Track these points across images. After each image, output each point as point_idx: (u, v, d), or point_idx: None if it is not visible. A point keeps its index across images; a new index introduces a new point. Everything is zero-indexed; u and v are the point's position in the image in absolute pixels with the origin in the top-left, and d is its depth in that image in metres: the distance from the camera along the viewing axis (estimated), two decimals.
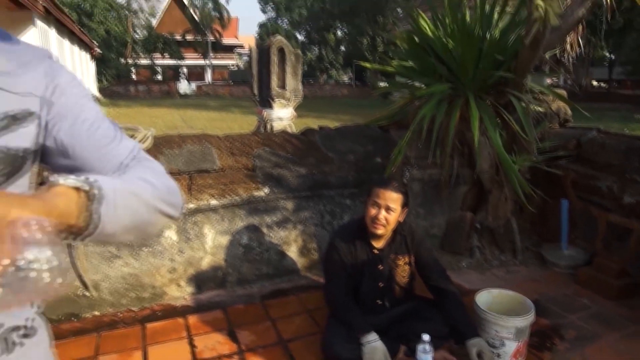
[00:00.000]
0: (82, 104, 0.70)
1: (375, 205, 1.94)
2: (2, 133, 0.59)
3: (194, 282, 2.51)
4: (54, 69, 0.67)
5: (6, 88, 0.60)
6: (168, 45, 33.88)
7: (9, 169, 0.61)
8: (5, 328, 0.62)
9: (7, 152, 0.60)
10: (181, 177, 2.36)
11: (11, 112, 0.60)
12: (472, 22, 2.58)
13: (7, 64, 0.61)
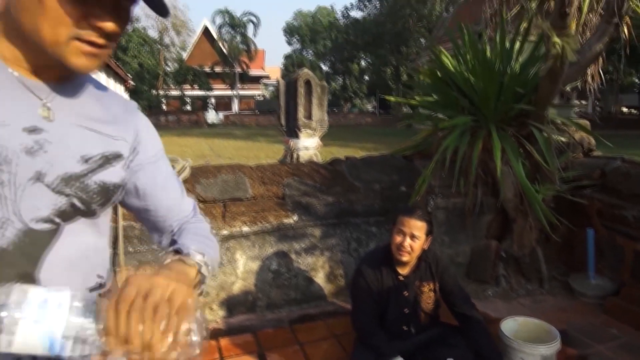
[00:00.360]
0: (159, 157, 0.86)
1: (401, 233, 2.02)
2: (98, 170, 0.73)
3: (225, 306, 2.62)
4: (141, 122, 0.84)
5: (104, 132, 0.75)
6: (197, 77, 35.13)
7: (103, 199, 0.75)
8: None
9: (102, 185, 0.74)
10: (216, 205, 2.51)
11: (106, 153, 0.75)
12: (492, 56, 2.70)
13: (106, 112, 0.77)
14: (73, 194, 0.70)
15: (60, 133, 0.70)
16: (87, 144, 0.73)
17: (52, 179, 0.68)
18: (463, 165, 2.73)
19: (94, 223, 0.75)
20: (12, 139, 0.65)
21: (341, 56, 43.41)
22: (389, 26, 34.85)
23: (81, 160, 0.71)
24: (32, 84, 0.69)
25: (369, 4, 38.11)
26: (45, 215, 0.68)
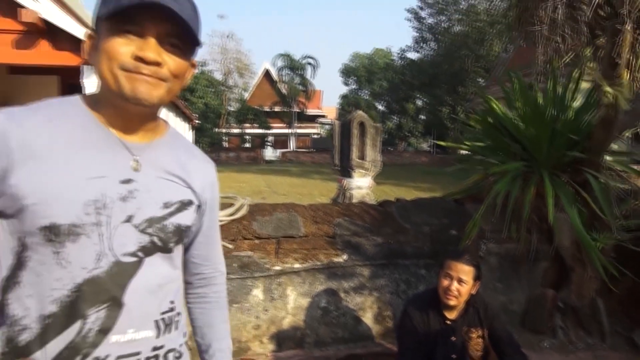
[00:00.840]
0: (215, 208, 1.04)
1: (448, 277, 2.05)
2: (175, 214, 0.90)
3: (275, 340, 2.71)
4: (213, 177, 1.02)
5: (180, 183, 0.92)
6: (257, 116, 36.73)
7: (177, 238, 0.91)
8: (167, 349, 0.89)
9: (177, 227, 0.90)
10: (270, 242, 2.65)
11: (183, 199, 0.92)
12: (544, 103, 2.71)
13: (183, 165, 0.94)
14: (154, 234, 0.86)
15: (146, 182, 0.86)
16: (167, 192, 0.89)
17: (139, 221, 0.84)
18: (515, 211, 2.72)
19: (169, 257, 0.90)
20: (110, 189, 0.82)
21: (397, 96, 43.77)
22: (446, 67, 34.91)
23: (163, 206, 0.88)
24: (126, 142, 0.86)
25: (426, 45, 38.49)
26: (132, 251, 0.84)
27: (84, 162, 0.80)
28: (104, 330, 0.81)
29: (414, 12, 37.18)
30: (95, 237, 0.80)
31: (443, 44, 36.00)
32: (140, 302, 0.85)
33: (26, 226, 0.78)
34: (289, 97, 38.04)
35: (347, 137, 6.50)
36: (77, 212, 0.78)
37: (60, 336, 0.79)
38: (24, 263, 0.80)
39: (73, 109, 0.85)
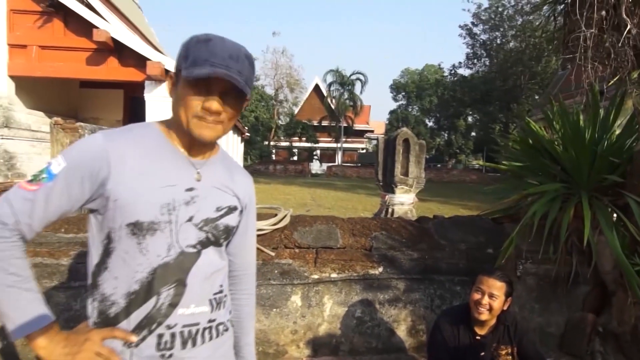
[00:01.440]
0: (252, 215, 1.27)
1: (479, 291, 2.11)
2: (225, 216, 1.12)
3: (311, 346, 2.85)
4: (251, 188, 1.25)
5: (229, 192, 1.15)
6: (306, 130, 37.37)
7: (225, 235, 1.14)
8: (217, 322, 1.13)
9: (226, 226, 1.13)
10: (309, 251, 2.81)
11: (230, 205, 1.15)
12: (585, 126, 2.72)
13: (231, 178, 1.17)
14: (209, 231, 1.10)
15: (204, 191, 1.10)
16: (219, 199, 1.12)
17: (198, 220, 1.08)
18: (553, 232, 2.72)
19: (219, 250, 1.14)
20: (178, 195, 1.05)
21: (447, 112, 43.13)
22: (499, 83, 34.10)
23: (216, 210, 1.11)
24: (190, 159, 1.10)
25: (478, 61, 37.81)
26: (193, 244, 1.07)
27: (160, 173, 1.04)
28: (173, 304, 1.04)
29: (467, 29, 36.68)
30: (167, 232, 1.03)
31: (496, 60, 35.23)
32: (199, 284, 1.07)
33: (115, 222, 1.02)
34: (338, 112, 38.47)
35: (391, 153, 6.59)
36: (155, 212, 1.02)
37: (141, 308, 1.03)
38: (111, 252, 1.04)
39: (151, 132, 1.09)
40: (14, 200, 0.98)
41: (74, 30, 9.03)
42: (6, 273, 0.96)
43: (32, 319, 0.97)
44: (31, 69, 8.97)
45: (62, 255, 2.60)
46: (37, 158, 9.45)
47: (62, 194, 0.99)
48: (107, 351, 1.00)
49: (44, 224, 1.01)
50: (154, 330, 1.02)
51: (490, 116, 36.61)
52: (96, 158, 0.99)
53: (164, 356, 1.03)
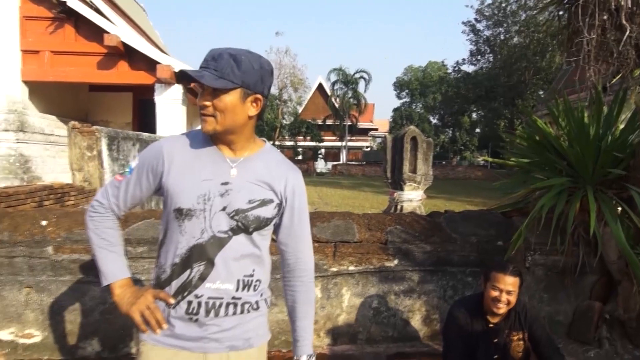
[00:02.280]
0: (298, 207, 1.38)
1: (496, 289, 2.21)
2: (257, 208, 1.28)
3: (330, 335, 3.00)
4: (294, 182, 1.36)
5: (264, 186, 1.30)
6: (310, 129, 37.51)
7: (255, 225, 1.28)
8: (243, 301, 1.29)
9: (257, 217, 1.28)
10: (328, 245, 2.95)
11: (265, 199, 1.30)
12: (589, 122, 2.85)
13: (268, 173, 1.32)
14: (239, 220, 1.27)
15: (238, 185, 1.27)
16: (252, 193, 1.29)
17: (230, 211, 1.27)
18: (560, 224, 2.85)
19: (250, 238, 1.30)
20: (214, 187, 1.26)
21: (451, 109, 43.11)
22: (503, 79, 34.08)
23: (247, 202, 1.28)
24: (227, 157, 1.29)
25: (482, 58, 37.77)
26: (224, 230, 1.27)
27: (201, 169, 1.26)
28: (202, 278, 1.25)
29: (470, 25, 36.65)
30: (202, 218, 1.25)
31: (500, 56, 35.18)
32: (225, 264, 1.27)
33: (168, 208, 1.28)
34: (342, 110, 38.61)
35: (400, 151, 6.74)
36: (192, 201, 1.24)
37: (179, 278, 1.27)
38: (167, 231, 1.30)
39: (200, 136, 1.30)
40: (109, 187, 1.35)
41: (84, 35, 9.21)
42: (99, 238, 1.32)
43: (111, 274, 1.32)
44: (44, 74, 9.17)
45: None
46: (51, 161, 9.63)
47: (136, 184, 1.31)
48: (154, 307, 1.28)
49: (128, 205, 1.34)
50: (186, 297, 1.26)
51: (494, 112, 36.61)
52: (155, 156, 1.28)
53: (191, 319, 1.26)
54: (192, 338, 1.27)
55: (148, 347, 1.29)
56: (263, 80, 1.24)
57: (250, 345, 1.33)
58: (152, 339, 1.28)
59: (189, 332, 1.27)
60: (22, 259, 2.75)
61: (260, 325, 1.37)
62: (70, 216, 2.90)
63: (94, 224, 1.33)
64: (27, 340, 2.81)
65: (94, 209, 1.34)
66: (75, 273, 2.78)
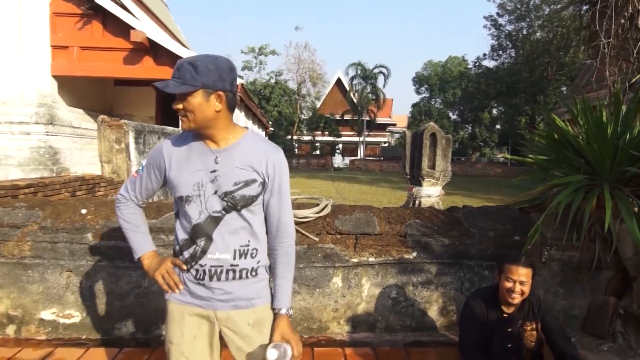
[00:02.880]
0: (283, 177, 1.58)
1: (510, 280, 2.32)
2: (242, 188, 1.49)
3: (350, 323, 3.13)
4: (274, 159, 1.55)
5: (246, 169, 1.50)
6: (328, 124, 37.55)
7: (243, 203, 1.50)
8: (241, 268, 1.53)
9: (243, 196, 1.49)
10: (349, 237, 3.08)
11: (248, 179, 1.50)
12: (607, 121, 2.90)
13: (250, 157, 1.51)
14: (228, 200, 1.50)
15: (224, 171, 1.49)
16: (236, 176, 1.50)
17: (220, 193, 1.50)
18: (577, 220, 2.92)
19: (240, 214, 1.52)
20: (204, 176, 1.50)
21: (471, 105, 42.62)
22: (525, 75, 33.53)
23: (233, 184, 1.50)
24: (212, 149, 1.50)
25: (503, 53, 37.21)
26: (217, 210, 1.50)
27: (193, 162, 1.51)
28: (204, 250, 1.51)
29: (492, 19, 36.11)
30: (198, 202, 1.50)
31: (523, 51, 34.59)
32: (222, 238, 1.51)
33: (174, 196, 1.56)
34: (360, 105, 38.52)
35: (419, 147, 6.80)
36: (189, 190, 1.50)
37: (187, 251, 1.55)
38: (177, 214, 1.61)
39: (191, 136, 1.54)
40: (128, 182, 1.65)
41: (111, 31, 9.48)
42: (127, 222, 1.64)
43: (139, 249, 1.65)
44: (72, 69, 9.47)
45: None
46: (78, 153, 9.95)
47: (148, 178, 1.60)
48: (172, 271, 1.58)
49: (144, 195, 1.64)
50: (194, 266, 1.54)
51: (515, 109, 36.06)
52: (158, 156, 1.56)
53: (199, 283, 1.54)
54: (203, 297, 1.55)
55: (171, 304, 1.60)
56: (222, 78, 1.42)
57: (253, 305, 1.58)
58: (174, 298, 1.59)
59: (200, 293, 1.55)
60: (64, 244, 2.95)
61: (260, 289, 1.60)
62: (107, 205, 3.09)
63: (120, 212, 1.65)
64: (67, 320, 3.02)
65: (118, 201, 1.65)
66: (112, 259, 2.97)
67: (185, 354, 1.57)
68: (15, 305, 2.99)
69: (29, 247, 2.94)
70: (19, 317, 3.00)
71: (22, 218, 2.99)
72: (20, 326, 3.00)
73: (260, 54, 37.45)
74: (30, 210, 3.03)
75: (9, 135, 8.52)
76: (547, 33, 32.33)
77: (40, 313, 3.00)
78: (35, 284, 2.99)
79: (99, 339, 2.99)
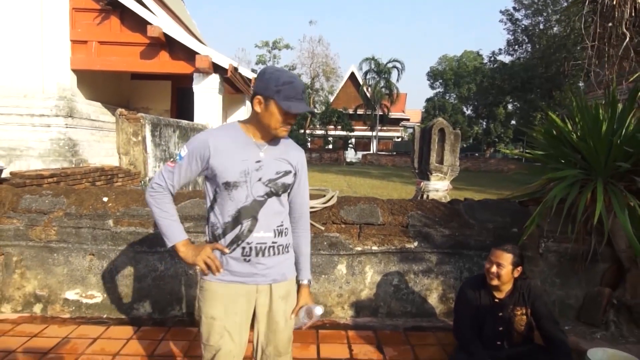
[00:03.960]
0: (305, 174, 1.84)
1: (489, 261, 2.50)
2: (282, 177, 1.72)
3: (354, 308, 3.31)
4: (300, 154, 1.82)
5: (284, 161, 1.73)
6: (341, 118, 37.55)
7: (282, 190, 1.72)
8: (279, 244, 1.74)
9: (283, 184, 1.71)
10: (354, 227, 3.25)
11: (286, 170, 1.72)
12: (603, 119, 3.01)
13: (286, 152, 1.76)
14: (271, 187, 1.71)
15: (267, 161, 1.70)
16: (278, 166, 1.72)
17: (264, 180, 1.69)
18: (572, 213, 3.05)
19: (279, 199, 1.74)
20: (251, 165, 1.67)
21: (485, 100, 42.22)
22: (541, 70, 33.12)
23: (275, 173, 1.71)
24: (258, 143, 1.70)
25: (520, 48, 36.77)
26: (261, 195, 1.69)
27: (239, 152, 1.67)
28: (250, 230, 1.69)
29: (508, 14, 35.69)
30: (245, 187, 1.66)
31: (539, 46, 34.13)
32: (265, 219, 1.70)
33: (216, 183, 1.68)
34: (373, 100, 38.44)
35: (427, 142, 6.91)
36: (237, 176, 1.65)
37: (232, 232, 1.69)
38: (216, 199, 1.72)
39: (235, 128, 1.72)
40: (164, 172, 1.73)
41: (129, 26, 9.73)
42: (162, 211, 1.72)
43: (174, 237, 1.72)
44: (91, 63, 9.75)
45: (150, 226, 3.16)
46: (96, 145, 10.25)
47: (187, 168, 1.70)
48: (213, 256, 1.69)
49: (180, 184, 1.73)
50: (240, 244, 1.68)
51: (531, 104, 35.65)
52: (202, 146, 1.67)
53: (245, 260, 1.69)
54: (246, 274, 1.71)
55: (213, 284, 1.72)
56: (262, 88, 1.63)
57: (285, 278, 1.79)
58: (215, 278, 1.72)
59: (243, 270, 1.71)
60: (87, 229, 3.17)
61: (290, 265, 1.83)
62: (127, 194, 3.31)
63: (155, 201, 1.72)
64: (89, 300, 3.25)
65: (154, 190, 1.72)
66: (131, 244, 3.18)
67: (227, 328, 1.72)
68: (42, 286, 3.23)
69: (54, 232, 3.16)
70: (45, 297, 3.23)
71: (48, 205, 3.21)
72: (47, 305, 3.24)
73: (274, 48, 37.60)
74: (56, 197, 3.26)
75: (30, 127, 8.84)
76: (565, 28, 31.81)
77: (65, 293, 3.24)
78: (60, 266, 3.22)
79: (119, 318, 3.21)
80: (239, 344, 1.75)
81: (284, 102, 1.58)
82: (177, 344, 2.85)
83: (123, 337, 2.92)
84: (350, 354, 2.78)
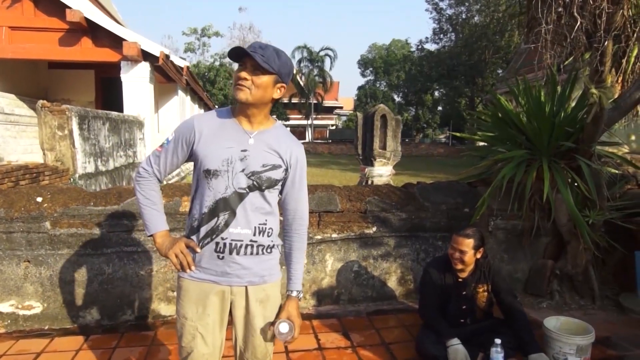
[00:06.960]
0: (302, 169, 1.68)
1: (452, 248, 2.58)
2: (269, 171, 1.56)
3: (315, 297, 3.27)
4: (297, 153, 1.65)
5: (274, 153, 1.57)
6: (276, 107, 37.14)
7: (267, 184, 1.56)
8: (258, 244, 1.58)
9: (268, 178, 1.56)
10: (313, 215, 3.20)
11: (275, 164, 1.57)
12: (545, 100, 3.19)
13: (278, 144, 1.59)
14: (254, 180, 1.56)
15: (254, 152, 1.55)
16: (265, 158, 1.57)
17: (247, 172, 1.55)
18: (519, 192, 3.21)
19: (263, 194, 1.58)
20: (235, 153, 1.53)
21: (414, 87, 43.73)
22: (465, 58, 34.84)
23: (262, 166, 1.56)
24: (246, 130, 1.56)
25: (444, 37, 38.38)
26: (243, 187, 1.55)
27: (224, 139, 1.55)
28: (226, 224, 1.55)
29: (433, 3, 37.03)
30: (226, 177, 1.53)
31: (462, 35, 35.84)
32: (244, 214, 1.56)
33: (199, 170, 1.56)
34: (307, 88, 38.43)
35: (370, 128, 7.00)
36: (218, 164, 1.52)
37: (208, 224, 1.56)
38: (197, 188, 1.61)
39: (224, 113, 1.59)
40: (151, 157, 1.64)
41: (44, 10, 8.88)
42: (145, 198, 1.62)
43: (154, 226, 1.63)
44: (1, 51, 8.81)
45: (94, 226, 2.90)
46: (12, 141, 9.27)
47: (174, 153, 1.60)
48: (185, 252, 1.59)
49: (167, 170, 1.64)
50: (214, 239, 1.56)
51: (456, 91, 37.45)
52: (188, 130, 1.57)
53: (218, 257, 1.57)
54: (218, 273, 1.59)
55: (186, 281, 1.62)
56: (289, 75, 1.54)
57: (265, 281, 1.64)
58: (188, 275, 1.61)
59: (216, 268, 1.58)
60: (20, 234, 2.85)
61: (271, 267, 1.66)
62: (64, 193, 3.01)
63: (140, 187, 1.63)
64: (27, 311, 2.93)
65: (140, 175, 1.64)
66: (73, 246, 2.91)
67: (199, 330, 1.62)
68: None
69: None
70: None
71: None
72: None
73: (204, 35, 36.31)
74: None
75: None
76: (485, 17, 33.66)
77: None
78: None
79: (63, 328, 2.94)
80: (212, 346, 1.64)
81: None
82: (133, 351, 2.65)
83: (71, 348, 2.67)
84: (318, 344, 2.74)
